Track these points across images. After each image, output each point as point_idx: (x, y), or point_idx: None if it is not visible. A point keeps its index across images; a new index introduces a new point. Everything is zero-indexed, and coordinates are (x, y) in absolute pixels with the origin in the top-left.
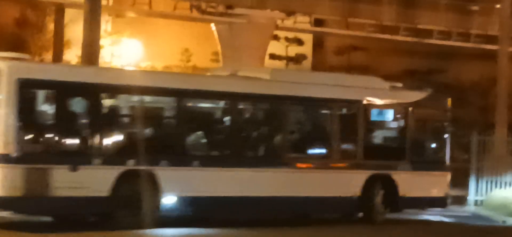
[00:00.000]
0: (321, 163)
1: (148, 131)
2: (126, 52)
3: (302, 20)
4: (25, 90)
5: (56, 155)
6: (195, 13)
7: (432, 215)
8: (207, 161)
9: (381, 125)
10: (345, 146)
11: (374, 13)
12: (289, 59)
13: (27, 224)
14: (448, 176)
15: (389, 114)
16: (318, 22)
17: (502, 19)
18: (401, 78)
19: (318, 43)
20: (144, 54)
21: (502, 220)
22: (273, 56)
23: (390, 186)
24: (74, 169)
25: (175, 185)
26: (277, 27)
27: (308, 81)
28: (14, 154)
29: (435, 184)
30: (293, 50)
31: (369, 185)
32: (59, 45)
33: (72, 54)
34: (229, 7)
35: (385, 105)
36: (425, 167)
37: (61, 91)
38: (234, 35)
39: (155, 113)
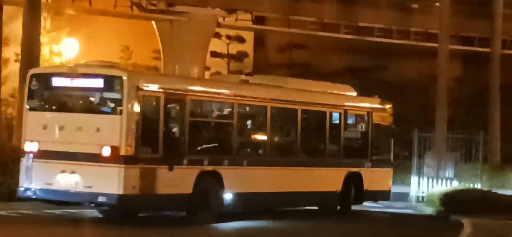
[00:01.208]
0: (318, 161)
1: (216, 134)
2: (65, 50)
3: (244, 18)
4: (142, 97)
5: (160, 156)
6: (136, 11)
7: (375, 211)
8: (251, 161)
9: (353, 127)
10: (333, 146)
11: (315, 11)
12: (231, 57)
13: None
14: (392, 172)
15: (358, 118)
16: (259, 20)
17: (442, 17)
18: (343, 76)
19: (260, 41)
20: (83, 52)
21: (444, 215)
22: (214, 54)
23: (358, 181)
24: (171, 169)
25: (233, 183)
26: (219, 25)
27: (310, 88)
28: (133, 156)
29: (384, 179)
30: (235, 48)
31: (346, 181)
32: None
33: (10, 52)
34: (170, 4)
35: (355, 110)
36: (379, 164)
37: (166, 99)
38: (175, 33)
39: (220, 118)
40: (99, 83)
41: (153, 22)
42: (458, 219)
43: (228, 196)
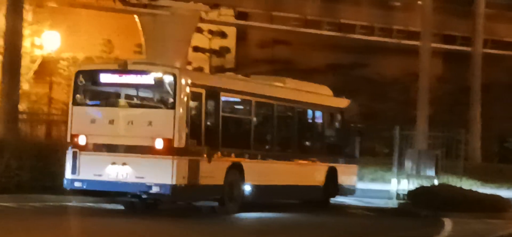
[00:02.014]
0: (310, 156)
1: (239, 129)
2: (47, 42)
3: (226, 13)
4: (190, 93)
5: (202, 148)
6: (118, 4)
7: (355, 209)
8: (263, 155)
9: (331, 125)
10: (319, 143)
11: (297, 7)
12: (213, 52)
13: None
14: (357, 168)
15: (334, 117)
16: (242, 15)
17: (424, 15)
18: (324, 73)
19: (242, 36)
20: (65, 45)
21: (425, 213)
22: (196, 49)
23: (335, 176)
24: (209, 161)
25: (251, 175)
26: (201, 20)
27: (302, 88)
28: (184, 148)
29: (353, 174)
30: (217, 43)
31: (327, 175)
32: None
33: None
34: None
35: (334, 109)
36: (349, 161)
37: (206, 95)
38: (158, 27)
39: (242, 114)
40: (151, 79)
41: (135, 16)
42: (439, 216)
43: (247, 187)
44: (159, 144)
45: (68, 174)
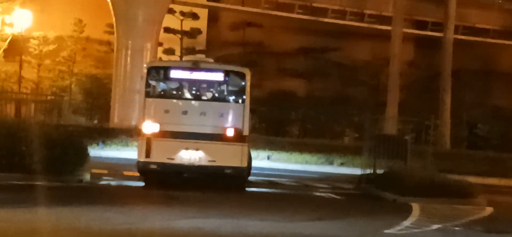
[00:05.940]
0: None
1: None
2: (18, 21)
3: None
4: (250, 89)
5: (250, 135)
6: None
7: (324, 192)
8: (249, 139)
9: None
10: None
11: None
12: (184, 33)
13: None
14: None
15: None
16: None
17: (396, 0)
18: (295, 56)
19: (213, 18)
20: (36, 24)
21: (393, 198)
22: (168, 30)
23: (249, 155)
24: (247, 146)
25: (248, 156)
26: (173, 1)
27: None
28: (248, 136)
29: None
30: (188, 25)
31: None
32: None
33: None
34: None
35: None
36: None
37: (251, 88)
38: (129, 7)
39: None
40: (221, 76)
41: None
42: (407, 201)
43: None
44: (230, 132)
45: (141, 158)
